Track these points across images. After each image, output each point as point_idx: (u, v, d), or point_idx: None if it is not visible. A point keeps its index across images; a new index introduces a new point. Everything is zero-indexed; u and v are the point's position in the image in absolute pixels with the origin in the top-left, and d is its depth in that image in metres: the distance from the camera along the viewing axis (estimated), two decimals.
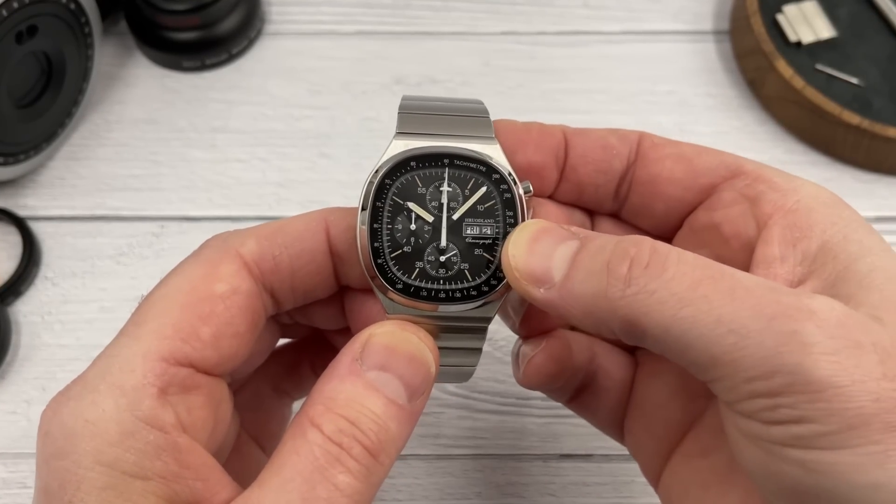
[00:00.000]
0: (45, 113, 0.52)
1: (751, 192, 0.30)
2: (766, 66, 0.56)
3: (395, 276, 0.29)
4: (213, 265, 0.29)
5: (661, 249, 0.26)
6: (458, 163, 0.30)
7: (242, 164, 0.55)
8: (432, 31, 0.61)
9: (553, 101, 0.58)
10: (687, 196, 0.32)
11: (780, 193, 0.29)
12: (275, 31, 0.61)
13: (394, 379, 0.27)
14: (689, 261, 0.26)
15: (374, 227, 0.29)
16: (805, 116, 0.55)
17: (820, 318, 0.24)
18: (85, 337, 0.50)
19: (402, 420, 0.27)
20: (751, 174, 0.31)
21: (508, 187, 0.30)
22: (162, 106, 0.58)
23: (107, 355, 0.27)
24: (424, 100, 0.32)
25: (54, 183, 0.55)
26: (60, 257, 0.52)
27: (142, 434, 0.26)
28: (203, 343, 0.28)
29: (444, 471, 0.46)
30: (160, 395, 0.26)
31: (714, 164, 0.31)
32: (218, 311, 0.28)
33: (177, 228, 0.53)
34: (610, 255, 0.26)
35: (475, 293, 0.30)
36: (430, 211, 0.30)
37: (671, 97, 0.58)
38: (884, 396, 0.23)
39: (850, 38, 0.57)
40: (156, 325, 0.27)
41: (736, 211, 0.30)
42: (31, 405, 0.47)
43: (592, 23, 0.61)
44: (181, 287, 0.28)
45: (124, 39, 0.60)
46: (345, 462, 0.25)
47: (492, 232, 0.30)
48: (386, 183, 0.30)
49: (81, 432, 0.25)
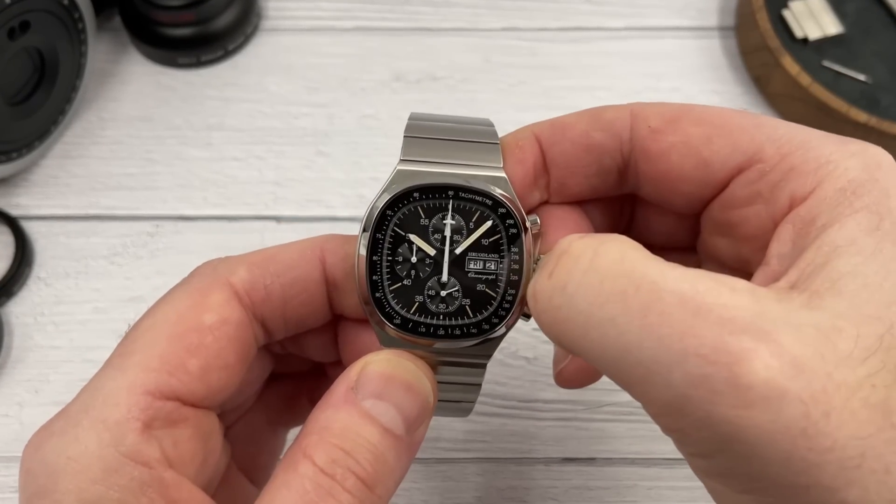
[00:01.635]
0: (38, 110, 0.52)
1: (767, 186, 0.27)
2: (772, 62, 0.56)
3: (393, 311, 0.29)
4: (202, 294, 0.28)
5: (574, 249, 0.24)
6: (462, 195, 0.29)
7: (239, 163, 0.55)
8: (432, 28, 0.61)
9: (555, 99, 0.58)
10: (703, 192, 0.29)
11: (799, 181, 0.26)
12: (272, 26, 0.61)
13: (391, 408, 0.27)
14: (603, 267, 0.23)
15: (374, 260, 0.29)
16: (811, 114, 0.55)
17: (746, 361, 0.21)
18: (78, 338, 0.49)
19: (400, 451, 0.26)
20: (769, 160, 0.27)
21: (515, 222, 0.29)
22: (157, 103, 0.57)
23: (91, 388, 0.27)
24: (431, 120, 0.31)
25: (47, 181, 0.54)
26: (53, 257, 0.52)
27: (126, 470, 0.25)
28: (190, 376, 0.27)
29: (443, 475, 0.46)
30: (144, 430, 0.26)
31: (727, 153, 0.28)
32: (206, 343, 0.28)
33: (172, 228, 0.53)
34: (553, 251, 0.25)
35: (475, 331, 0.29)
36: (433, 244, 0.29)
37: (675, 94, 0.58)
38: (795, 456, 0.21)
39: (858, 34, 0.57)
40: (141, 357, 0.27)
41: (751, 212, 0.28)
42: (24, 408, 0.47)
43: (595, 19, 0.61)
44: (168, 317, 0.28)
45: (118, 35, 0.60)
46: (337, 496, 0.25)
47: (496, 267, 0.29)
48: (387, 214, 0.29)
49: (63, 469, 0.25)
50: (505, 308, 0.29)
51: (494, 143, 0.30)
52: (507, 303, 0.29)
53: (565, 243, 0.25)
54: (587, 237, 0.25)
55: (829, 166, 0.25)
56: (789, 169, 0.26)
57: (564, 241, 0.25)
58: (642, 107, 0.29)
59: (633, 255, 0.23)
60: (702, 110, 0.29)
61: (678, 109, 0.29)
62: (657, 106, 0.29)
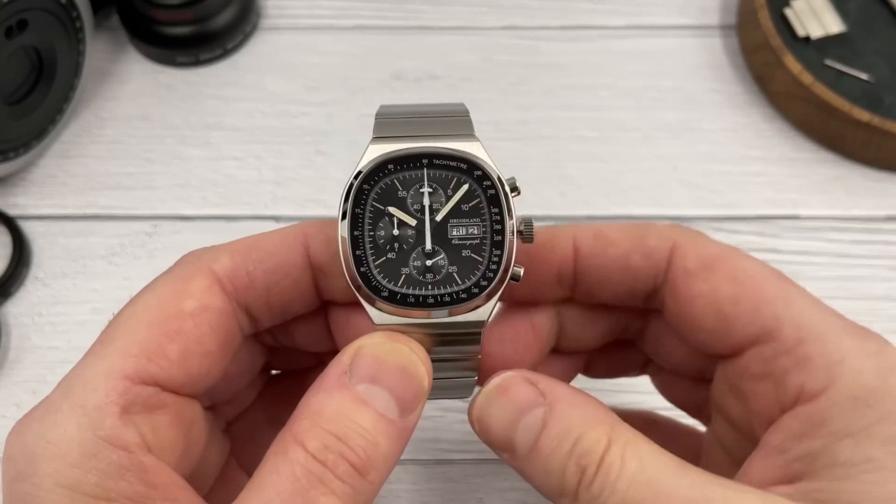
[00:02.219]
0: (36, 109, 0.52)
1: (779, 369, 0.27)
2: (773, 61, 0.56)
3: (379, 284, 0.29)
4: (183, 282, 0.29)
5: (612, 462, 0.25)
6: (437, 162, 0.29)
7: (237, 162, 0.55)
8: (432, 26, 0.61)
9: (556, 98, 0.58)
10: (718, 347, 0.29)
11: (811, 375, 0.26)
12: (271, 25, 0.61)
13: (384, 392, 0.27)
14: (642, 482, 0.25)
15: (355, 235, 0.29)
16: (814, 113, 0.55)
17: None
18: (76, 339, 0.49)
19: (394, 436, 0.26)
20: (785, 342, 0.27)
21: (492, 183, 0.29)
22: (155, 102, 0.57)
23: (71, 375, 0.27)
24: (401, 107, 0.31)
25: (45, 181, 0.54)
26: (51, 257, 0.52)
27: (104, 454, 0.25)
28: (170, 361, 0.27)
29: (444, 476, 0.46)
30: (123, 414, 0.26)
31: (747, 320, 0.28)
32: (186, 329, 0.28)
33: (170, 228, 0.53)
34: (568, 453, 0.26)
35: (465, 296, 0.29)
36: (413, 214, 0.29)
37: (676, 93, 0.58)
38: None
39: (860, 33, 0.57)
40: (121, 344, 0.27)
41: (761, 388, 0.28)
42: (22, 409, 0.47)
43: (596, 17, 0.61)
44: (150, 304, 0.28)
45: (116, 34, 0.60)
46: (328, 483, 0.25)
47: (479, 231, 0.29)
48: (364, 188, 0.29)
49: (42, 454, 0.25)
50: (492, 270, 0.29)
51: (465, 116, 0.30)
52: (493, 264, 0.29)
53: (598, 452, 0.26)
54: (618, 447, 0.26)
55: (843, 366, 0.26)
56: (803, 358, 0.27)
57: (596, 446, 0.26)
58: (686, 240, 0.30)
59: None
60: (740, 263, 0.29)
61: (718, 255, 0.29)
62: (700, 244, 0.30)
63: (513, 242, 0.29)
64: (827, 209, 0.54)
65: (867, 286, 0.51)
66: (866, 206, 0.54)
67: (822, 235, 0.53)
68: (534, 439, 0.27)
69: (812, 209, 0.53)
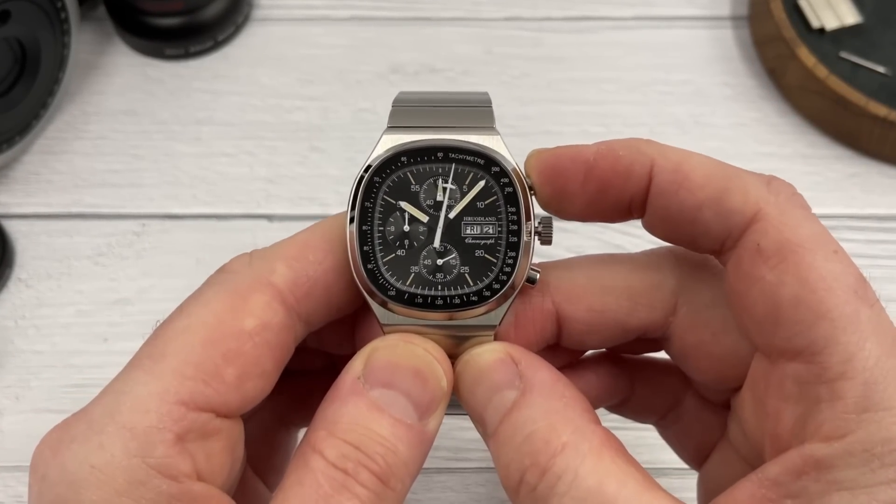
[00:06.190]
0: (19, 104, 0.52)
1: (812, 397, 0.25)
2: (787, 53, 0.56)
3: (387, 283, 0.29)
4: (241, 297, 0.27)
5: (562, 470, 0.25)
6: (453, 156, 0.29)
7: (229, 159, 0.55)
8: (431, 17, 0.61)
9: (560, 91, 0.58)
10: (758, 337, 0.28)
11: (836, 415, 0.25)
12: (264, 16, 0.61)
13: (400, 397, 0.26)
14: (582, 490, 0.24)
15: (364, 230, 0.29)
16: (829, 107, 0.55)
17: None
18: (61, 342, 0.49)
19: (413, 442, 0.26)
20: (828, 371, 0.25)
21: (510, 180, 0.29)
22: (143, 96, 0.57)
23: (115, 391, 0.26)
24: (421, 94, 0.31)
25: (28, 178, 0.54)
26: (35, 257, 0.52)
27: (153, 483, 0.24)
28: (227, 386, 0.26)
29: (443, 485, 0.46)
30: (177, 443, 0.25)
31: (800, 330, 0.26)
32: (245, 350, 0.27)
33: (159, 227, 0.53)
34: (517, 448, 0.26)
35: (476, 299, 0.29)
36: (425, 210, 0.29)
37: (686, 87, 0.58)
38: None
39: (877, 24, 0.57)
40: (175, 363, 0.26)
41: (786, 412, 0.26)
42: (4, 415, 0.47)
43: (602, 7, 0.61)
44: (205, 320, 0.27)
45: (103, 26, 0.60)
46: (352, 489, 0.25)
47: (494, 231, 0.29)
48: (375, 181, 0.29)
49: (86, 480, 0.24)
50: (506, 272, 0.29)
51: (486, 107, 0.30)
52: (507, 267, 0.29)
53: (546, 452, 0.26)
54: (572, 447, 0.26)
55: (873, 416, 0.24)
56: (839, 395, 0.25)
57: (546, 446, 0.26)
58: (774, 210, 0.28)
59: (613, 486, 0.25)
60: (821, 262, 0.27)
61: (799, 243, 0.27)
62: (788, 219, 0.28)
63: (530, 245, 0.29)
64: (842, 207, 0.54)
65: (884, 287, 0.51)
66: (883, 204, 0.54)
67: (838, 234, 0.52)
68: (498, 422, 0.27)
69: (827, 207, 0.53)
